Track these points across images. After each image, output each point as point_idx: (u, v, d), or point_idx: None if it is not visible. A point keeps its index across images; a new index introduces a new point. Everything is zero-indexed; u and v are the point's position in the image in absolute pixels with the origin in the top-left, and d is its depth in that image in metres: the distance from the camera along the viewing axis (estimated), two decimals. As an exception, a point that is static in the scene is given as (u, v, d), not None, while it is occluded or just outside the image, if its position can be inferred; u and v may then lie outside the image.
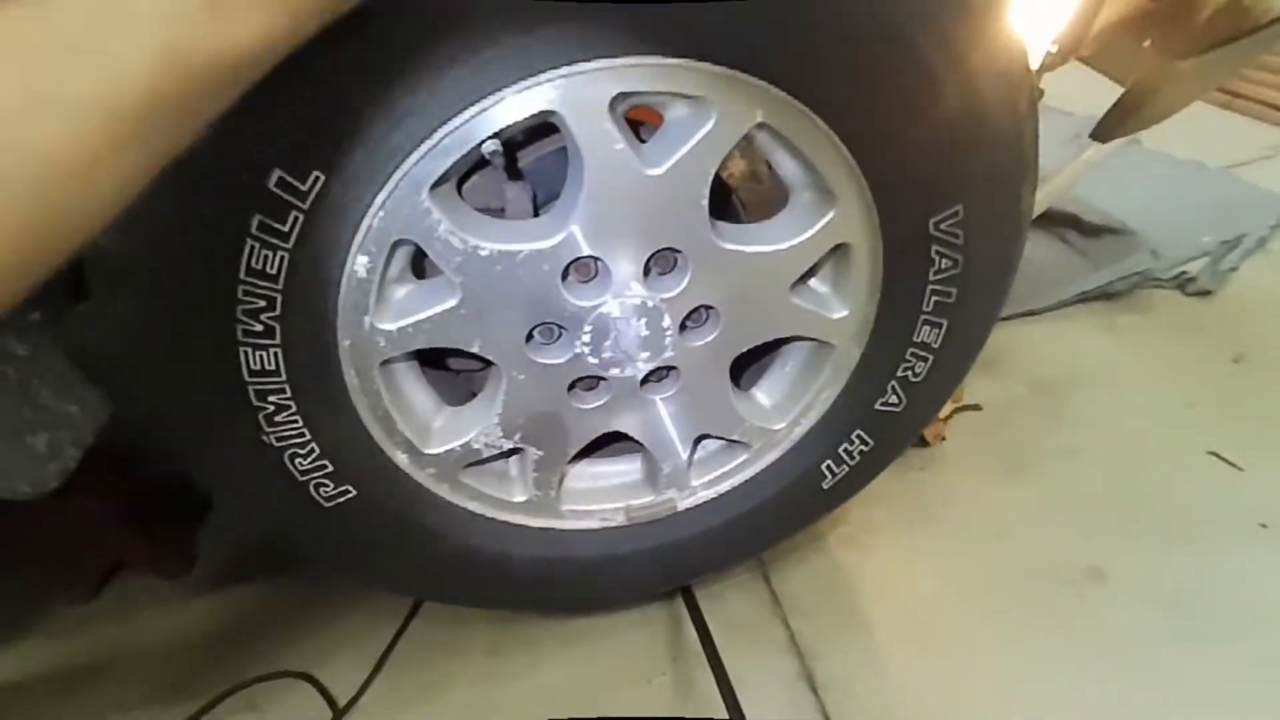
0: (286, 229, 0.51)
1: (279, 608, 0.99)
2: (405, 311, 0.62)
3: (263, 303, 0.53)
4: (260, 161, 0.48)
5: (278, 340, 0.55)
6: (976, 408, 1.22)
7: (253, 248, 0.50)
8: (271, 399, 0.58)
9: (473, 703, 0.87)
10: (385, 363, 0.65)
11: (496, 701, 0.88)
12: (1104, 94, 0.99)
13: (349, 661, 0.90)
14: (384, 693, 0.88)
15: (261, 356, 0.55)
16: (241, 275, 0.51)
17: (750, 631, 0.93)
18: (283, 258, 0.52)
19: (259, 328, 0.54)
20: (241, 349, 0.54)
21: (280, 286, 0.53)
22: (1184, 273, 1.50)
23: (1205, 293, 1.48)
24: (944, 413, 1.14)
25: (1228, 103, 2.29)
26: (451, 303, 0.62)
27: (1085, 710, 0.83)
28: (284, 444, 0.60)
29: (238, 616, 0.98)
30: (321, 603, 0.97)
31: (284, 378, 0.57)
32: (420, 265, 0.64)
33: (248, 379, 0.56)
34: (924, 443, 1.14)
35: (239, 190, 0.49)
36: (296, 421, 0.60)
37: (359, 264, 0.56)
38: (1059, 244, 1.61)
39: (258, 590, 1.01)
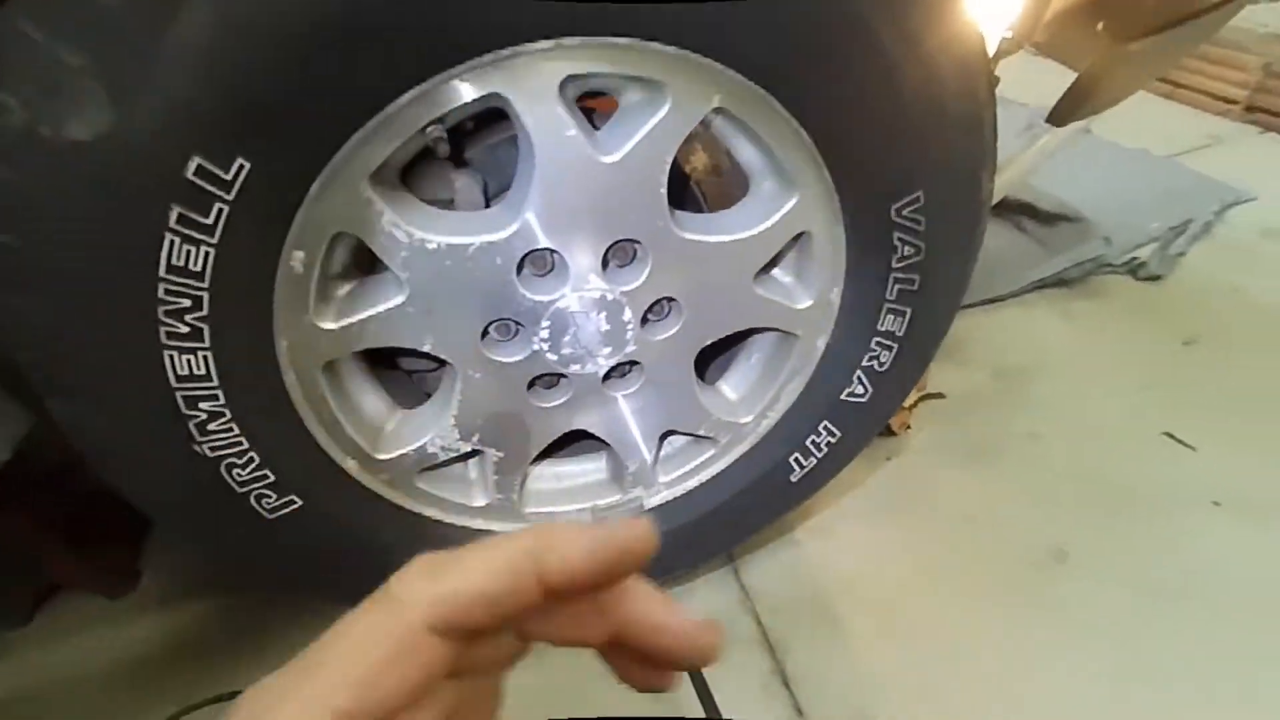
0: (210, 222, 0.47)
1: (228, 626, 0.94)
2: (349, 309, 0.59)
3: (187, 302, 0.49)
4: (176, 148, 0.44)
5: (206, 342, 0.51)
6: (940, 396, 1.23)
7: (172, 243, 0.46)
8: (203, 406, 0.54)
9: (437, 716, 0.84)
10: (329, 364, 0.61)
11: (463, 713, 0.85)
12: (1054, 87, 1.01)
13: (304, 679, 0.86)
14: (343, 710, 0.84)
15: (189, 360, 0.51)
16: (161, 273, 0.47)
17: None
18: (208, 253, 0.48)
19: (184, 329, 0.50)
20: (166, 352, 0.50)
21: (206, 285, 0.49)
22: (1135, 258, 1.54)
23: (1156, 278, 1.52)
24: (909, 402, 1.14)
25: (1170, 93, 2.37)
26: (399, 299, 0.58)
27: (1055, 691, 0.84)
28: (219, 454, 0.56)
29: (185, 636, 0.93)
30: (273, 620, 0.92)
31: (216, 383, 0.53)
32: (371, 260, 0.61)
33: (175, 385, 0.52)
34: (890, 432, 1.14)
35: (152, 180, 0.45)
36: (232, 429, 0.56)
37: (294, 259, 0.53)
38: (1016, 232, 1.63)
39: (206, 608, 0.95)
